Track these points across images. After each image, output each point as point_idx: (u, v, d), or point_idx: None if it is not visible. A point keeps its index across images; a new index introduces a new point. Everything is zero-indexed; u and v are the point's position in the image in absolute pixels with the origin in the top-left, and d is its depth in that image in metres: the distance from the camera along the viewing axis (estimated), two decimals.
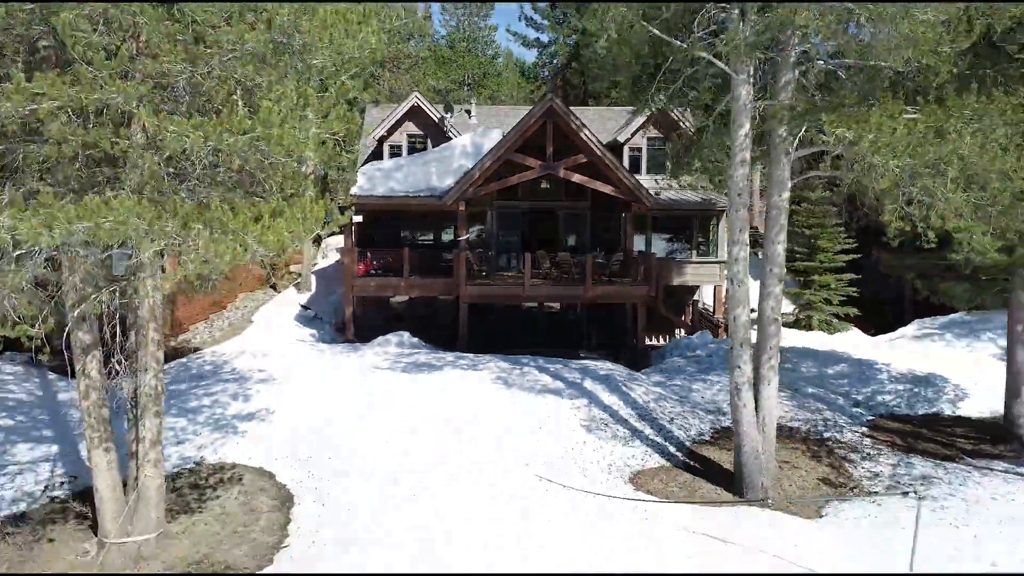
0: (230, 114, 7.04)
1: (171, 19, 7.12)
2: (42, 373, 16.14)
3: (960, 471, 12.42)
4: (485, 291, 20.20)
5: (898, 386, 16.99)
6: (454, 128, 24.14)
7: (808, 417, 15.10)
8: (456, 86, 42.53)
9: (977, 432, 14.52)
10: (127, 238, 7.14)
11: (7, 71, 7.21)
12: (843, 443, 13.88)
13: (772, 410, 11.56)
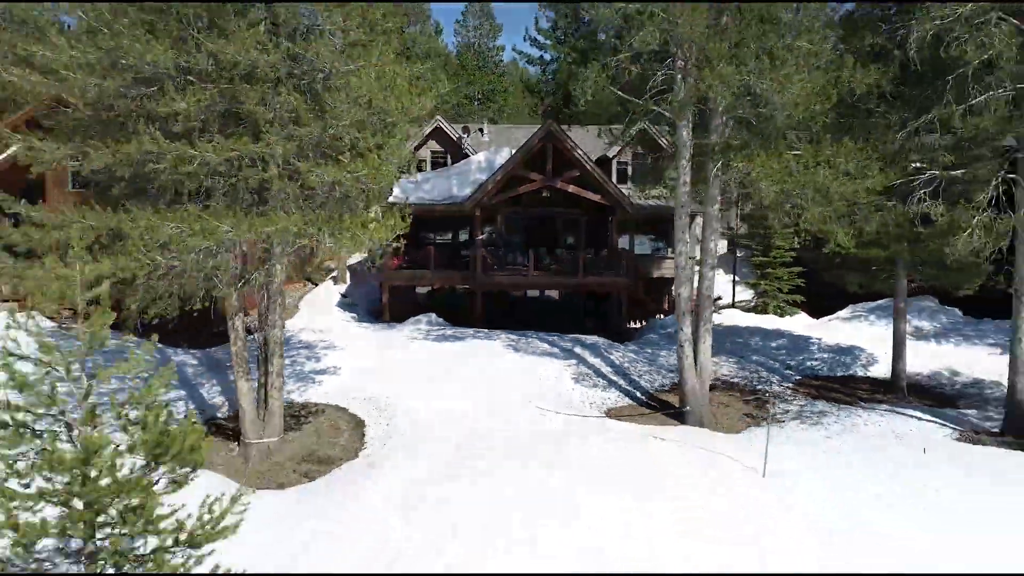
0: (351, 160, 11.51)
1: (313, 108, 11.59)
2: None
3: (850, 409, 16.79)
4: (496, 281, 24.65)
5: (824, 355, 21.39)
6: (470, 146, 28.59)
7: (747, 375, 19.50)
8: (467, 100, 46.98)
9: (874, 386, 18.90)
10: (285, 238, 11.61)
11: (210, 134, 11.64)
12: (770, 392, 18.28)
13: (707, 360, 15.97)
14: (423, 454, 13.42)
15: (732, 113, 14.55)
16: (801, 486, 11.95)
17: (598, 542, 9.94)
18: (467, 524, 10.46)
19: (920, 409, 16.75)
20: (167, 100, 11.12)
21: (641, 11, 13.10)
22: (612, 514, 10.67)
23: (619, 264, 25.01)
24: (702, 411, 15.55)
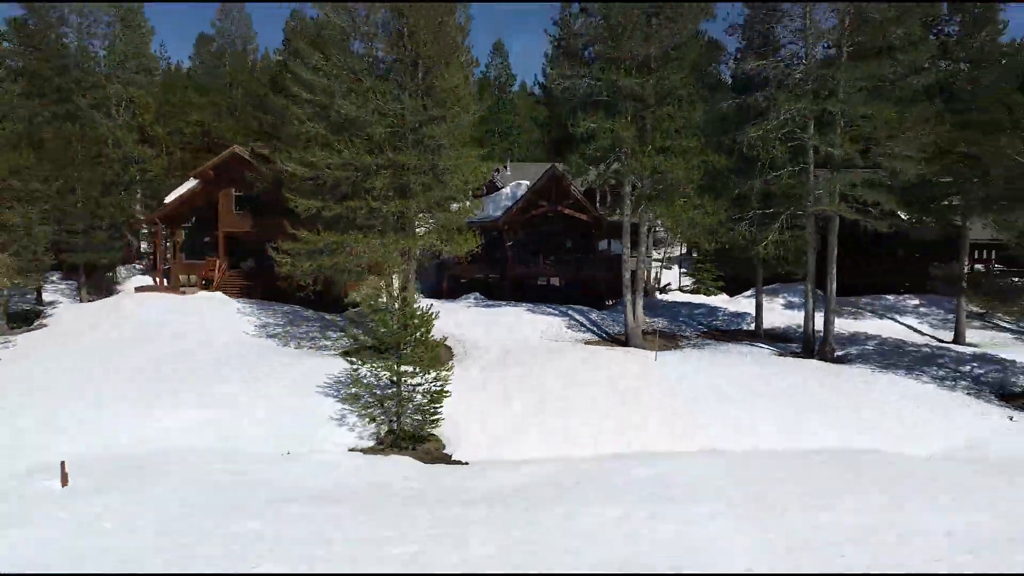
0: (458, 207, 24.06)
1: (438, 183, 24.10)
2: (299, 310, 33.15)
3: (727, 344, 29.05)
4: (518, 272, 37.00)
5: (725, 317, 33.71)
6: (499, 179, 40.96)
7: (674, 327, 31.83)
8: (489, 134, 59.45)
9: (748, 335, 31.17)
10: (424, 248, 24.12)
11: (388, 197, 24.12)
12: (684, 336, 30.60)
13: (640, 313, 28.31)
14: (485, 357, 25.83)
15: (652, 178, 26.91)
16: (677, 368, 24.29)
17: (575, 381, 22.34)
18: (512, 377, 22.87)
19: (765, 344, 29.04)
20: (371, 180, 23.63)
21: (599, 130, 25.49)
22: (582, 375, 23.08)
23: (600, 262, 37.39)
24: (637, 341, 27.88)
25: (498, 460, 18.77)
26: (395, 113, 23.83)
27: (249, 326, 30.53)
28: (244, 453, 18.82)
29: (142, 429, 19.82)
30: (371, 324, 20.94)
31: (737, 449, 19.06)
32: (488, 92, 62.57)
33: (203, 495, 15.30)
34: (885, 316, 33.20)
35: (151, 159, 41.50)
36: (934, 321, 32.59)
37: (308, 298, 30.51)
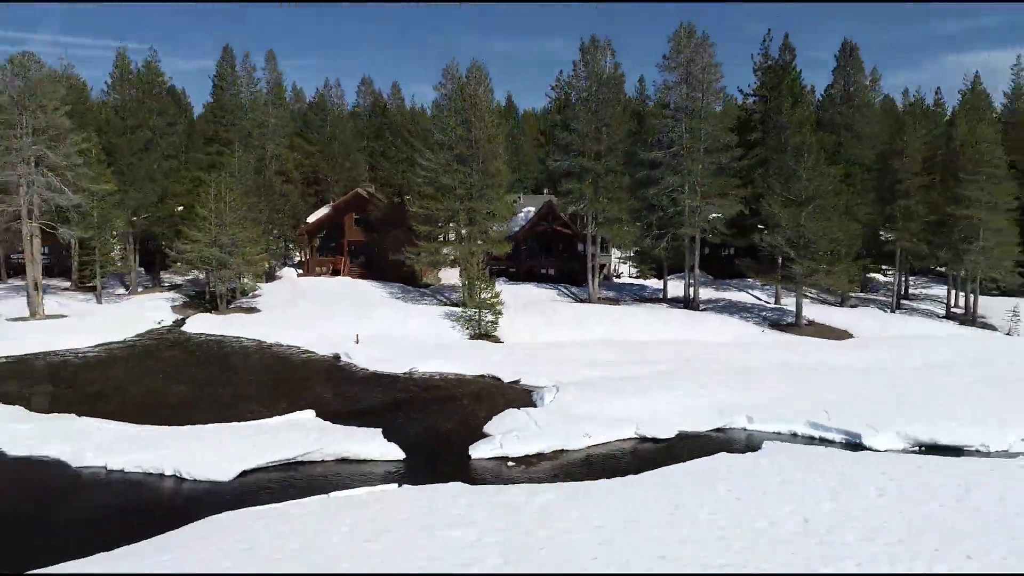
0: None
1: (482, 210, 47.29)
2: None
3: (644, 304, 52.07)
4: (529, 264, 60.01)
5: (650, 291, 56.80)
6: (516, 206, 63.86)
7: (620, 296, 54.88)
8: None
9: (658, 299, 54.17)
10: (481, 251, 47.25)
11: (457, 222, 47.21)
12: (623, 300, 53.65)
13: (596, 286, 51.35)
14: (514, 304, 48.78)
15: (602, 214, 49.96)
16: (612, 312, 47.25)
17: (561, 314, 45.41)
18: (530, 312, 45.87)
19: (666, 303, 52.04)
20: (457, 215, 46.72)
21: (573, 189, 48.54)
22: (564, 312, 46.14)
23: (578, 259, 60.44)
24: (594, 301, 50.84)
25: (526, 342, 41.65)
26: (469, 183, 46.94)
27: (377, 292, 53.56)
28: (407, 338, 41.57)
29: (354, 327, 42.69)
30: (463, 287, 43.94)
31: (629, 338, 42.07)
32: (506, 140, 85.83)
33: (392, 350, 38.28)
34: (743, 290, 56.22)
35: (292, 193, 64.32)
36: (770, 293, 55.54)
37: (403, 279, 53.67)
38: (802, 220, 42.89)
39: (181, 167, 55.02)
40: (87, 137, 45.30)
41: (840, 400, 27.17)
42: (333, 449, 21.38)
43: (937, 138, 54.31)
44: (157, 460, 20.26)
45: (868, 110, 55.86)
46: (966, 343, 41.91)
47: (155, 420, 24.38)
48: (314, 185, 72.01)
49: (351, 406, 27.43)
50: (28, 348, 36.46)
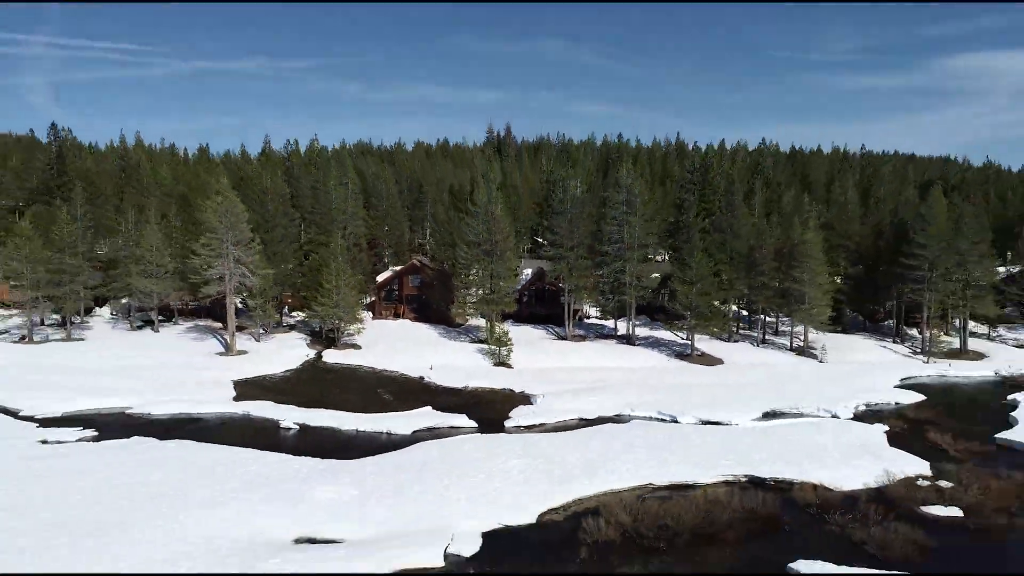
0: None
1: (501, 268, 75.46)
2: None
3: (603, 340, 79.95)
4: (529, 311, 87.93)
5: (608, 329, 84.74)
6: (519, 268, 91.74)
7: (586, 333, 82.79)
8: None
9: (613, 336, 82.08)
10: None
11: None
12: (588, 337, 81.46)
13: (571, 326, 79.30)
14: (519, 342, 76.68)
15: (573, 284, 77.90)
16: (579, 345, 75.08)
17: (547, 347, 73.26)
18: (529, 347, 73.64)
19: (616, 339, 79.82)
20: (492, 282, 74.72)
21: (554, 267, 76.48)
22: (549, 345, 74.04)
23: (560, 306, 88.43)
24: (568, 337, 78.66)
25: (528, 368, 69.31)
26: (490, 269, 74.95)
27: (431, 332, 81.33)
28: (457, 366, 69.06)
29: (425, 358, 70.28)
30: (487, 330, 71.77)
31: (587, 364, 69.86)
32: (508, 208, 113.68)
33: (451, 373, 66.17)
34: (667, 329, 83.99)
35: (364, 259, 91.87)
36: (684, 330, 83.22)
37: (444, 321, 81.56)
38: (692, 293, 70.97)
39: (300, 248, 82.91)
40: (254, 240, 73.00)
41: (684, 400, 54.96)
42: (447, 423, 49.16)
43: (783, 235, 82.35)
44: (378, 426, 47.94)
45: (741, 223, 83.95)
46: (790, 366, 69.96)
47: (354, 409, 52.04)
48: (374, 248, 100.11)
49: (443, 404, 55.05)
50: (245, 374, 64.06)
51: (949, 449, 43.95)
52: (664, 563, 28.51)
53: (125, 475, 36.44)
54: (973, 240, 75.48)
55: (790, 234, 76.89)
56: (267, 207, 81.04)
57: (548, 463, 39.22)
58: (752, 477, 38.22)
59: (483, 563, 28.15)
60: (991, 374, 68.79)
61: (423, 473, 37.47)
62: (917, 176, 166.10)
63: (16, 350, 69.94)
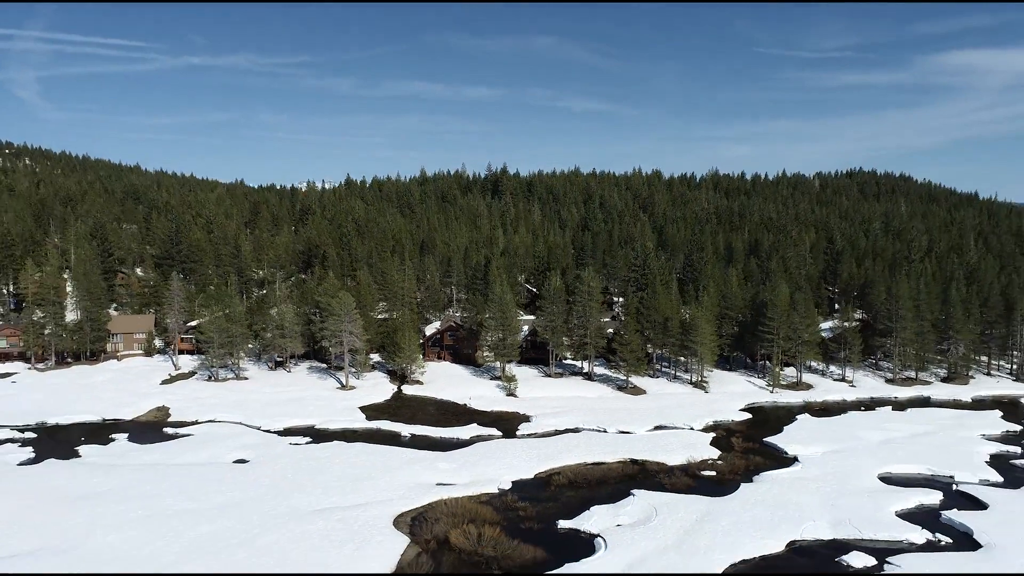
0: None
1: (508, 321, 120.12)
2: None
3: (574, 376, 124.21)
4: (529, 355, 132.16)
5: (577, 368, 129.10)
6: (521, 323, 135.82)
7: (563, 371, 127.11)
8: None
9: (583, 375, 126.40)
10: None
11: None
12: (565, 374, 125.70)
13: (553, 366, 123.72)
14: (520, 378, 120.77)
15: (555, 339, 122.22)
16: (557, 382, 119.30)
17: (541, 383, 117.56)
18: (529, 383, 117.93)
19: (583, 376, 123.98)
20: (508, 338, 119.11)
21: (543, 330, 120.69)
22: (543, 381, 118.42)
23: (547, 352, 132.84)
24: (552, 375, 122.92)
25: (527, 396, 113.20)
26: (503, 331, 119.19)
27: (464, 371, 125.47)
28: (483, 396, 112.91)
29: (465, 391, 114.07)
30: (501, 370, 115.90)
31: (560, 395, 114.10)
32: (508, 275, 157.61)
33: (481, 400, 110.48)
34: (615, 371, 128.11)
35: (416, 318, 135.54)
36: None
37: (471, 362, 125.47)
38: (626, 351, 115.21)
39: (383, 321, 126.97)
40: (357, 317, 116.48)
41: (613, 419, 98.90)
42: (486, 432, 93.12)
43: (684, 309, 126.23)
44: (451, 434, 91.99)
45: (661, 303, 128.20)
46: (685, 395, 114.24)
47: (435, 424, 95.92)
48: (421, 307, 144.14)
49: (480, 421, 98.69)
50: (362, 402, 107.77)
51: (735, 446, 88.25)
52: (588, 492, 72.32)
53: (350, 460, 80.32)
54: (803, 315, 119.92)
55: (689, 311, 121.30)
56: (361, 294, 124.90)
57: (538, 452, 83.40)
58: (632, 459, 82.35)
59: (513, 492, 71.89)
60: (802, 401, 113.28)
61: (481, 457, 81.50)
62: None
63: (213, 387, 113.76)
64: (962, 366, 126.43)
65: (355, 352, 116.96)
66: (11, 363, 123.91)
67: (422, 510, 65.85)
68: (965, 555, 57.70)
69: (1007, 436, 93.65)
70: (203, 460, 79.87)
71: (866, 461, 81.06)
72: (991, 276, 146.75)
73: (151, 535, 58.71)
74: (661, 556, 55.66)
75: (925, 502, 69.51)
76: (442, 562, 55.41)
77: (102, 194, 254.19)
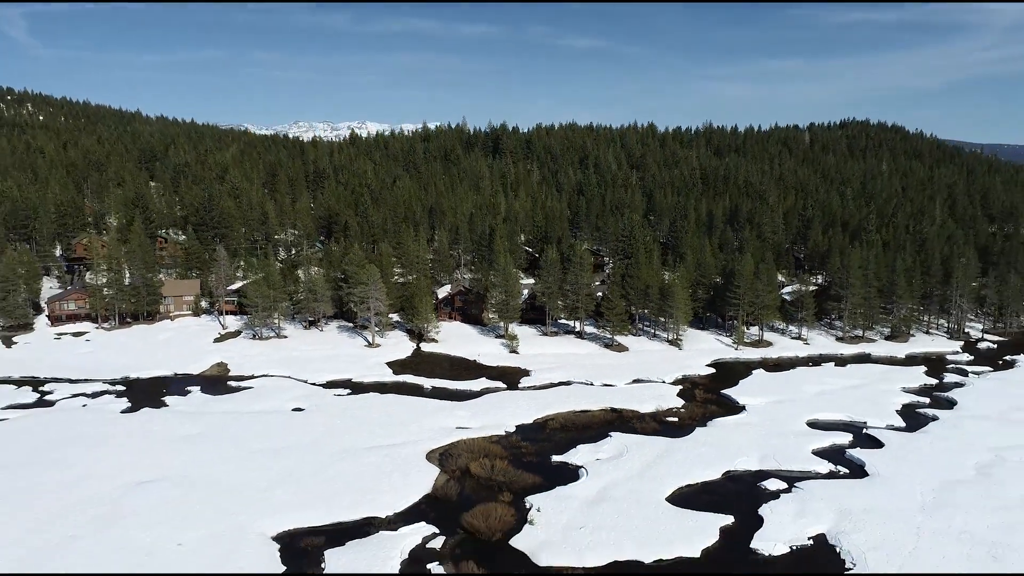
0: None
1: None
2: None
3: (568, 335, 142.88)
4: (528, 315, 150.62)
5: (570, 326, 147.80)
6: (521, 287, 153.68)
7: (558, 330, 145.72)
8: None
9: (574, 333, 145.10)
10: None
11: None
12: (559, 333, 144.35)
13: (549, 325, 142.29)
14: (520, 335, 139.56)
15: (551, 302, 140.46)
16: (552, 341, 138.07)
17: (539, 340, 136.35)
18: (530, 341, 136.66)
19: (575, 335, 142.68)
20: (509, 299, 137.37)
21: (541, 294, 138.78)
22: (538, 340, 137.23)
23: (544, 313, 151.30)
24: (548, 334, 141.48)
25: (527, 353, 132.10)
26: (507, 294, 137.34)
27: (472, 330, 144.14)
28: (490, 352, 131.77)
29: (475, 348, 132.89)
30: (504, 328, 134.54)
31: (556, 352, 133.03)
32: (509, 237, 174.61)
33: (489, 356, 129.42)
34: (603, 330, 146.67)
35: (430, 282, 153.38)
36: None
37: (478, 321, 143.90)
38: (611, 312, 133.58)
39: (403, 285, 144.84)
40: (381, 284, 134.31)
41: (599, 373, 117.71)
42: (493, 385, 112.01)
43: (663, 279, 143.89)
44: (465, 387, 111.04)
45: (641, 272, 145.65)
46: (661, 352, 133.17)
47: (451, 378, 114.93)
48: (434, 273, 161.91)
49: (488, 375, 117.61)
50: (387, 358, 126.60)
51: (697, 396, 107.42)
52: (575, 434, 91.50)
53: (385, 408, 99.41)
54: (765, 284, 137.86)
55: (665, 279, 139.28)
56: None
57: (537, 402, 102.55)
58: (612, 408, 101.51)
59: (518, 434, 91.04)
60: (760, 358, 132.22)
61: (491, 406, 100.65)
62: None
63: (260, 345, 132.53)
64: (904, 327, 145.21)
65: (379, 314, 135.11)
66: (80, 323, 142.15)
67: (447, 448, 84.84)
68: (853, 481, 76.93)
69: (922, 389, 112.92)
70: (268, 409, 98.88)
71: (800, 410, 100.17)
72: (938, 245, 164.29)
73: (245, 468, 77.65)
74: (627, 482, 74.83)
75: (837, 442, 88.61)
76: (465, 485, 74.57)
77: (123, 154, 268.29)
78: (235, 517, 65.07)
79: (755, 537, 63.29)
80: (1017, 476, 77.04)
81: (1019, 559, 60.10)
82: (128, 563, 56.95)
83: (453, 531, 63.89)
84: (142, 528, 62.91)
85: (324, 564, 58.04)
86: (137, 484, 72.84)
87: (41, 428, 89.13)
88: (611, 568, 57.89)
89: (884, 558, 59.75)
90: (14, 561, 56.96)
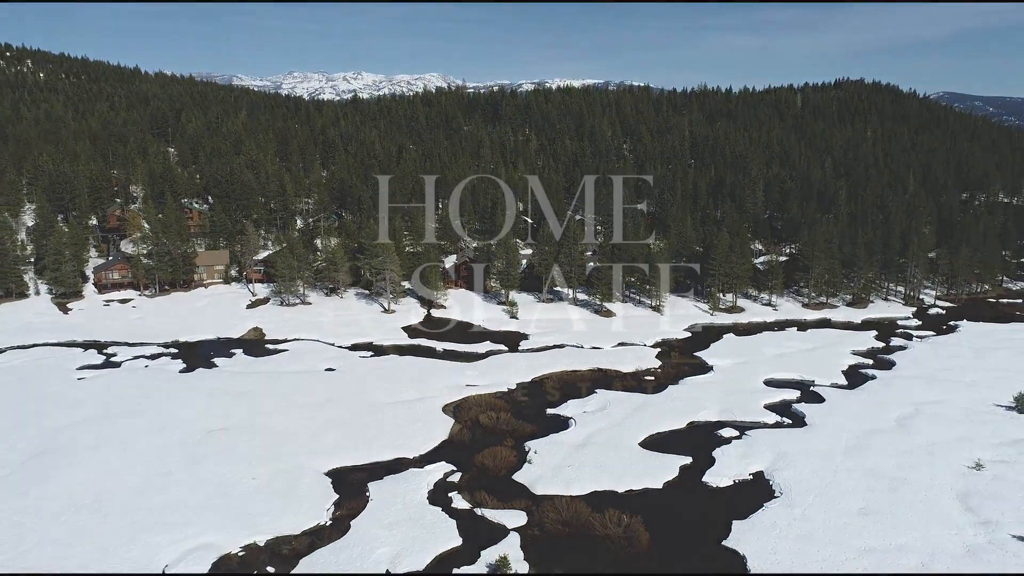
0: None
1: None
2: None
3: (559, 302, 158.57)
4: (526, 282, 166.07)
5: (565, 293, 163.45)
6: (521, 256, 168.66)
7: (552, 297, 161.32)
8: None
9: (567, 300, 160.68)
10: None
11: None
12: (554, 300, 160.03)
13: (545, 291, 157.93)
14: (520, 304, 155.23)
15: (546, 273, 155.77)
16: (546, 307, 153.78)
17: (537, 306, 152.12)
18: (529, 307, 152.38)
19: (567, 302, 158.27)
20: (509, 267, 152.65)
21: (538, 264, 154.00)
22: (535, 306, 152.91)
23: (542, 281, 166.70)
24: (543, 300, 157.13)
25: (526, 319, 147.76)
26: (507, 264, 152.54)
27: (476, 298, 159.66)
28: (492, 318, 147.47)
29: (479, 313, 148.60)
30: (505, 295, 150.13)
31: (550, 318, 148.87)
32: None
33: (492, 323, 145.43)
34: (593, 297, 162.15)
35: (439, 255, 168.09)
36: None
37: (483, 290, 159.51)
38: (599, 282, 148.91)
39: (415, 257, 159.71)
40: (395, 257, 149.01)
41: (588, 337, 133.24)
42: (496, 348, 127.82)
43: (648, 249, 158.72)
44: (471, 348, 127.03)
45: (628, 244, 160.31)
46: (645, 317, 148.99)
47: (459, 341, 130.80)
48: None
49: (492, 338, 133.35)
50: (402, 323, 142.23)
51: (673, 358, 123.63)
52: (567, 391, 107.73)
53: (404, 368, 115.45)
54: (739, 256, 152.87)
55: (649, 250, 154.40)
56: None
57: (534, 363, 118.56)
58: (599, 368, 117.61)
59: (518, 391, 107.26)
60: (732, 322, 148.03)
61: (495, 367, 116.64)
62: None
63: (288, 311, 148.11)
64: (864, 294, 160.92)
65: (393, 283, 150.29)
66: (124, 291, 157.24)
67: (459, 402, 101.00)
68: (793, 429, 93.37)
69: (870, 351, 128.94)
70: (304, 368, 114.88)
71: (760, 369, 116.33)
72: (899, 218, 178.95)
73: (294, 418, 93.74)
74: (608, 431, 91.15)
75: (787, 398, 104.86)
76: (476, 433, 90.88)
77: (138, 122, 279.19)
78: (294, 457, 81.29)
79: (707, 473, 79.63)
80: (927, 425, 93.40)
81: (912, 490, 76.45)
82: (216, 491, 73.08)
83: (468, 468, 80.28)
84: (222, 465, 79.08)
85: (368, 493, 74.25)
86: (209, 432, 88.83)
87: (117, 386, 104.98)
88: (592, 497, 74.45)
89: (805, 489, 76.19)
90: (131, 490, 73.15)
